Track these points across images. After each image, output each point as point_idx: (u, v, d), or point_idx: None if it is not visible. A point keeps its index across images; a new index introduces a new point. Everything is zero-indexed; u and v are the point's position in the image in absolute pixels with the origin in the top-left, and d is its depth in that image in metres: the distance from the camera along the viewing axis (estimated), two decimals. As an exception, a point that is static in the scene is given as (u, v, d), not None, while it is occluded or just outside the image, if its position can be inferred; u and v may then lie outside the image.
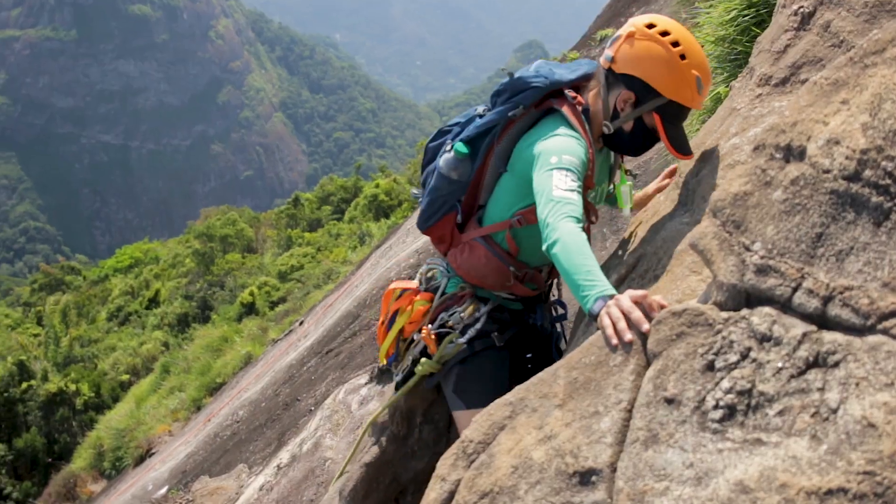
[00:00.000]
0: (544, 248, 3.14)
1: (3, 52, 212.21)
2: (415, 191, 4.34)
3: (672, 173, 4.18)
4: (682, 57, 3.38)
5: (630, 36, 3.52)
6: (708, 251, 2.38)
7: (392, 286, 4.42)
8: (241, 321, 30.19)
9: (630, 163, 9.29)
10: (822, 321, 2.08)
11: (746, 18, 5.43)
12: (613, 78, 3.60)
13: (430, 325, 4.14)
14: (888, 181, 2.03)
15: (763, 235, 2.23)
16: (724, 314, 2.27)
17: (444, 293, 4.17)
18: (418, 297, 4.23)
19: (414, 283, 4.32)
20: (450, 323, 4.08)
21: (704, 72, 3.47)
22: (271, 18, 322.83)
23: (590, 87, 3.78)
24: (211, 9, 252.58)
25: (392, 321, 4.32)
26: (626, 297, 2.66)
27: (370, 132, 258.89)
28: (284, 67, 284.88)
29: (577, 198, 3.22)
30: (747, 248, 2.25)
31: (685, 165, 3.67)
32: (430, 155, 4.19)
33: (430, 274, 4.32)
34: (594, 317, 2.79)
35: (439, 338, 4.10)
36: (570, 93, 3.75)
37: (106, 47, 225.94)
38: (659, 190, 4.27)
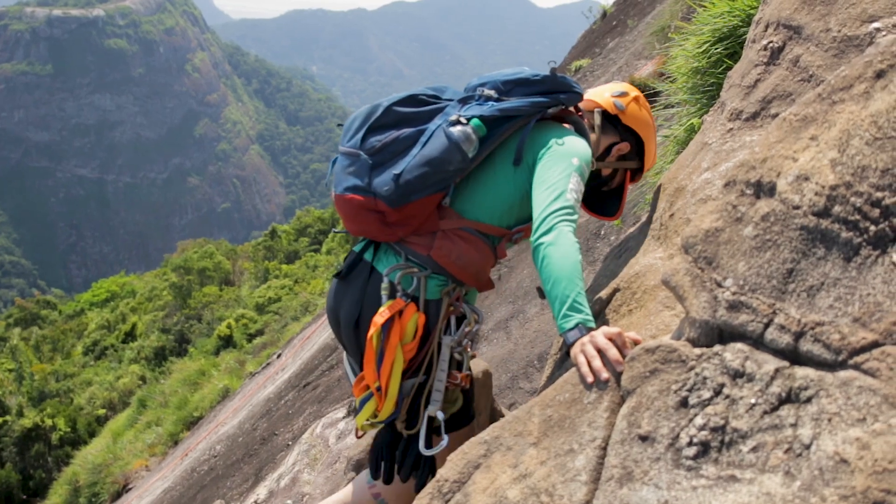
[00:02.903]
0: (535, 240, 3.07)
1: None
2: (364, 156, 3.47)
3: None
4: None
5: (637, 99, 3.97)
6: (680, 287, 2.38)
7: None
8: (219, 354, 30.15)
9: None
10: (795, 357, 2.08)
11: (719, 50, 5.46)
12: (612, 124, 3.93)
13: (457, 371, 3.61)
14: (857, 217, 2.04)
15: (735, 271, 2.23)
16: (697, 350, 2.27)
17: (426, 301, 3.51)
18: (406, 311, 3.43)
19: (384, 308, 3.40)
20: (460, 342, 3.59)
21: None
22: (248, 51, 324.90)
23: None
24: (187, 42, 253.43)
25: (381, 354, 3.39)
26: (601, 334, 2.65)
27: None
28: (261, 100, 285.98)
29: (577, 212, 3.21)
30: (719, 285, 2.25)
31: (658, 200, 3.69)
32: (395, 118, 3.52)
33: (399, 279, 3.48)
34: (568, 343, 2.79)
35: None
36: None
37: (82, 81, 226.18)
38: None
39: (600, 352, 2.60)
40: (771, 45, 3.40)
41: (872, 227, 2.00)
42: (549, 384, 3.06)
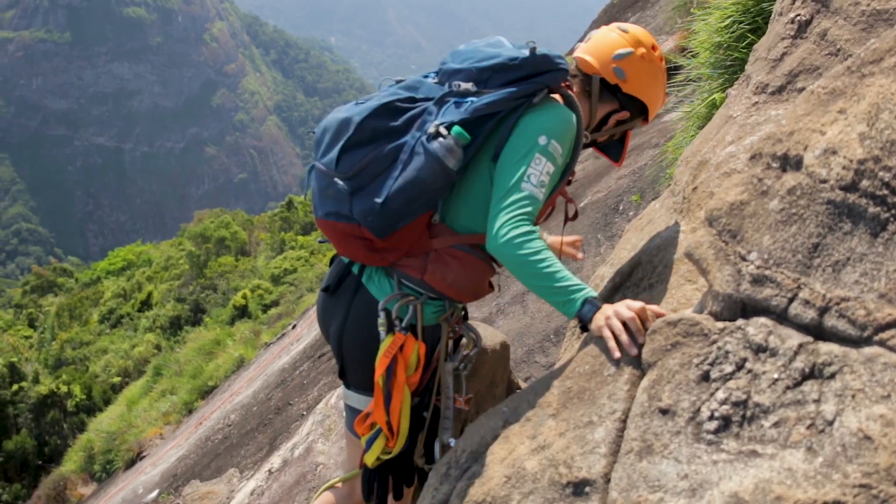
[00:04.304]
0: (494, 242, 2.95)
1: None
2: (341, 182, 3.23)
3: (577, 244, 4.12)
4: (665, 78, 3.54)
5: (643, 57, 3.52)
6: (704, 260, 2.36)
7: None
8: (234, 324, 30.21)
9: (624, 169, 9.28)
10: (819, 332, 2.06)
11: (742, 25, 5.41)
12: (610, 92, 3.56)
13: (460, 395, 3.56)
14: (885, 192, 2.01)
15: (759, 245, 2.21)
16: (720, 324, 2.26)
17: (423, 327, 3.39)
18: (407, 344, 3.31)
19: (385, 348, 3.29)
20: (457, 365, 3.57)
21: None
22: (266, 21, 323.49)
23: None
24: (205, 11, 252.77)
25: (389, 394, 3.28)
26: (625, 308, 2.62)
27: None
28: (279, 71, 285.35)
29: (542, 196, 3.05)
30: (743, 258, 2.23)
31: (681, 173, 3.66)
32: (369, 134, 3.22)
33: (396, 310, 3.33)
34: (586, 321, 2.75)
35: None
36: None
37: (100, 50, 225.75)
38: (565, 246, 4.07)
39: (625, 325, 2.57)
40: (798, 18, 3.36)
41: (901, 203, 1.98)
42: (567, 356, 3.05)
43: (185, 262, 52.01)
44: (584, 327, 2.79)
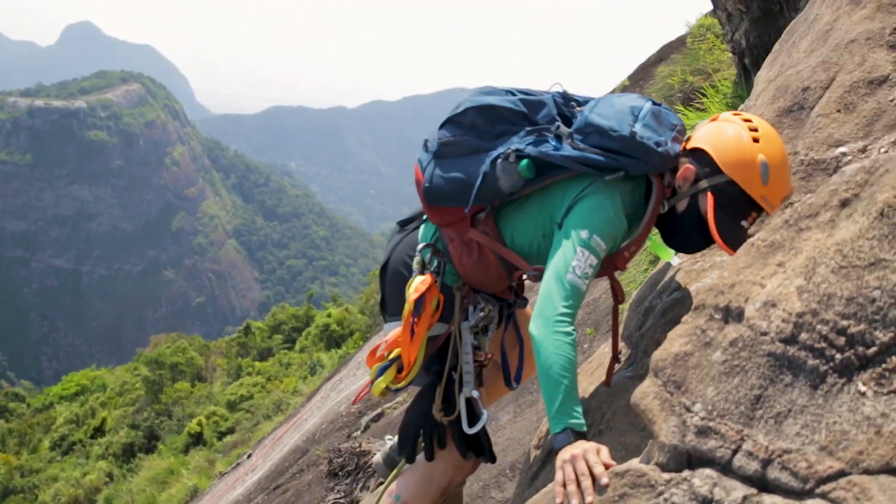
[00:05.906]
0: (534, 324, 3.07)
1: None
2: (432, 143, 3.66)
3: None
4: (756, 140, 3.14)
5: (714, 119, 3.41)
6: (649, 411, 2.39)
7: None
8: (188, 452, 29.77)
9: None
10: (762, 484, 2.09)
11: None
12: (683, 156, 3.40)
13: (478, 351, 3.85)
14: (823, 344, 2.06)
15: (703, 396, 2.25)
16: (666, 475, 2.27)
17: (442, 280, 3.74)
18: (433, 287, 3.68)
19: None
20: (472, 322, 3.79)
21: (777, 162, 3.13)
22: (227, 146, 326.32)
23: None
24: (167, 136, 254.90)
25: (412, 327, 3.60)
26: (595, 455, 2.64)
27: (323, 260, 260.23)
28: (239, 195, 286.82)
29: (585, 286, 3.14)
30: (688, 409, 2.27)
31: (629, 319, 3.71)
32: (469, 121, 3.59)
33: (426, 258, 3.75)
34: (555, 447, 2.81)
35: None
36: None
37: (61, 172, 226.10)
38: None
39: (583, 474, 2.59)
40: (741, 166, 3.45)
41: (838, 355, 2.03)
42: (517, 500, 3.04)
43: (140, 388, 51.38)
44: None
